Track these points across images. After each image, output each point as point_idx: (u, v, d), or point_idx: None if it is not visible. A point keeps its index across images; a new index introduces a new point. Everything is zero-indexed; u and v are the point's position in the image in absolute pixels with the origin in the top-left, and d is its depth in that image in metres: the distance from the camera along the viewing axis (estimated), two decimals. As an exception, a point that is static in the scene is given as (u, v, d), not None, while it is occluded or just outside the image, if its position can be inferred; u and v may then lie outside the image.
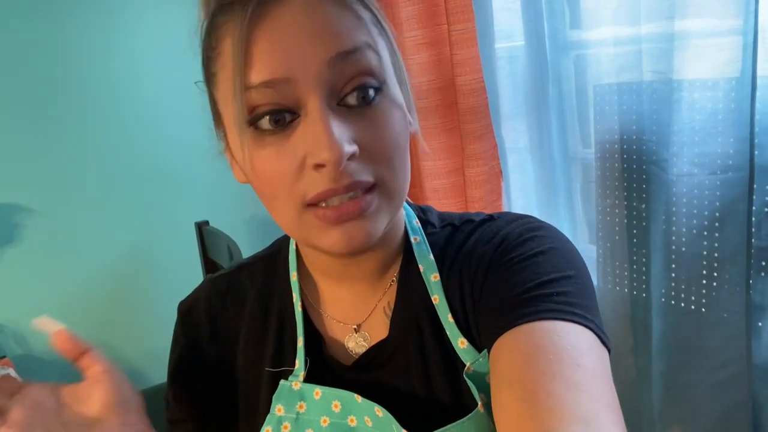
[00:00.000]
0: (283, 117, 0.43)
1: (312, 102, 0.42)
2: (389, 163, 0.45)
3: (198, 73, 0.50)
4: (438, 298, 0.52)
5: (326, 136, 0.40)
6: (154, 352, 1.93)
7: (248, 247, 1.50)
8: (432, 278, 0.53)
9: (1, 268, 1.71)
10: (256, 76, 0.42)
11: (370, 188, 0.44)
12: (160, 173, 1.93)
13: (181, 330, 0.60)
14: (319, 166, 0.42)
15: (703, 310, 1.02)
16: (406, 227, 0.56)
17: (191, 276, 1.74)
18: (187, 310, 0.61)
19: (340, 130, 0.41)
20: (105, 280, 1.88)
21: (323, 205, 0.43)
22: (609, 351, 0.44)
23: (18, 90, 1.68)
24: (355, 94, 0.43)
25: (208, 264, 1.67)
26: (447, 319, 0.51)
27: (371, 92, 0.43)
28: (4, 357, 1.65)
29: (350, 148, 0.41)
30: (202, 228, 1.66)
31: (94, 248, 1.84)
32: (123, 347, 1.93)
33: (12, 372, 1.52)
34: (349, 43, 0.42)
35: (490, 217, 0.55)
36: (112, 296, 1.90)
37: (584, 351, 0.40)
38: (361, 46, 0.43)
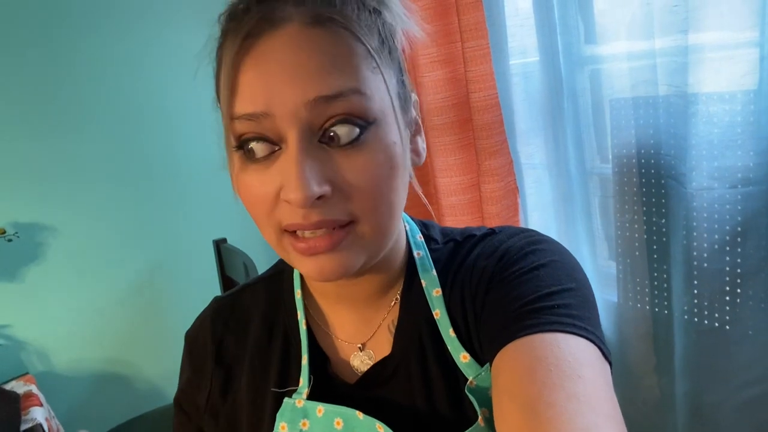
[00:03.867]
0: (267, 146, 0.43)
1: (290, 139, 0.42)
2: (367, 202, 0.44)
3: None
4: (439, 313, 0.52)
5: (295, 177, 0.41)
6: (172, 369, 1.94)
7: (264, 264, 1.51)
8: (434, 293, 0.53)
9: (24, 287, 1.74)
10: (240, 107, 0.42)
11: (344, 225, 0.44)
12: (179, 192, 1.96)
13: (187, 359, 0.61)
14: (288, 202, 0.43)
15: (727, 327, 0.99)
16: (408, 244, 0.56)
17: (209, 293, 1.75)
18: (192, 338, 0.61)
19: (312, 170, 0.41)
20: (125, 298, 1.91)
21: (296, 234, 0.44)
22: (611, 364, 0.43)
23: (39, 111, 1.73)
24: (336, 133, 0.42)
25: (226, 281, 1.68)
26: (448, 334, 0.51)
27: (355, 131, 0.42)
28: (26, 374, 1.68)
29: (319, 189, 0.41)
30: (220, 245, 1.68)
31: (115, 266, 1.88)
32: (142, 364, 1.95)
33: (34, 388, 1.54)
34: (331, 88, 0.41)
35: (492, 231, 0.55)
36: (133, 313, 1.92)
37: (585, 362, 0.40)
38: (345, 92, 0.41)
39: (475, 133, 1.37)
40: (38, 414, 1.40)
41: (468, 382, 0.48)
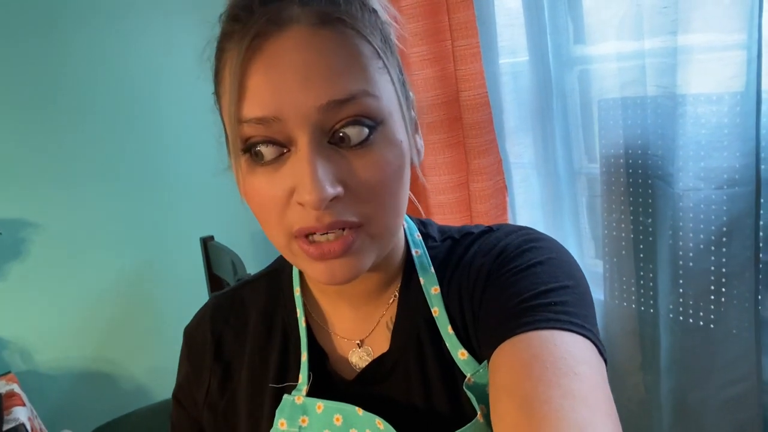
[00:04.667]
0: (275, 149, 0.43)
1: (301, 141, 0.42)
2: (377, 202, 0.44)
3: (206, 90, 0.51)
4: (438, 311, 0.52)
5: (309, 178, 0.40)
6: (158, 367, 1.93)
7: (252, 262, 1.51)
8: (432, 291, 0.53)
9: (7, 284, 1.71)
10: (249, 111, 0.42)
11: (354, 226, 0.44)
12: (165, 189, 1.94)
13: (186, 354, 0.61)
14: (302, 204, 0.42)
15: (712, 326, 1.01)
16: (407, 242, 0.56)
17: (196, 291, 1.75)
18: (191, 333, 0.61)
19: (324, 171, 0.41)
20: (110, 295, 1.88)
21: (308, 239, 0.44)
22: (606, 362, 0.44)
23: (21, 107, 1.70)
24: (347, 134, 0.42)
25: (213, 279, 1.67)
26: (447, 331, 0.51)
27: (365, 131, 0.42)
28: (8, 372, 1.65)
29: (333, 190, 0.41)
30: (207, 243, 1.67)
31: (99, 264, 1.85)
32: (127, 363, 1.93)
33: (16, 387, 1.52)
34: (343, 92, 0.41)
35: (489, 229, 0.56)
36: (118, 311, 1.90)
37: (581, 360, 0.40)
38: (356, 94, 0.42)
39: (465, 131, 1.37)
40: (21, 414, 1.38)
41: (466, 379, 0.49)
